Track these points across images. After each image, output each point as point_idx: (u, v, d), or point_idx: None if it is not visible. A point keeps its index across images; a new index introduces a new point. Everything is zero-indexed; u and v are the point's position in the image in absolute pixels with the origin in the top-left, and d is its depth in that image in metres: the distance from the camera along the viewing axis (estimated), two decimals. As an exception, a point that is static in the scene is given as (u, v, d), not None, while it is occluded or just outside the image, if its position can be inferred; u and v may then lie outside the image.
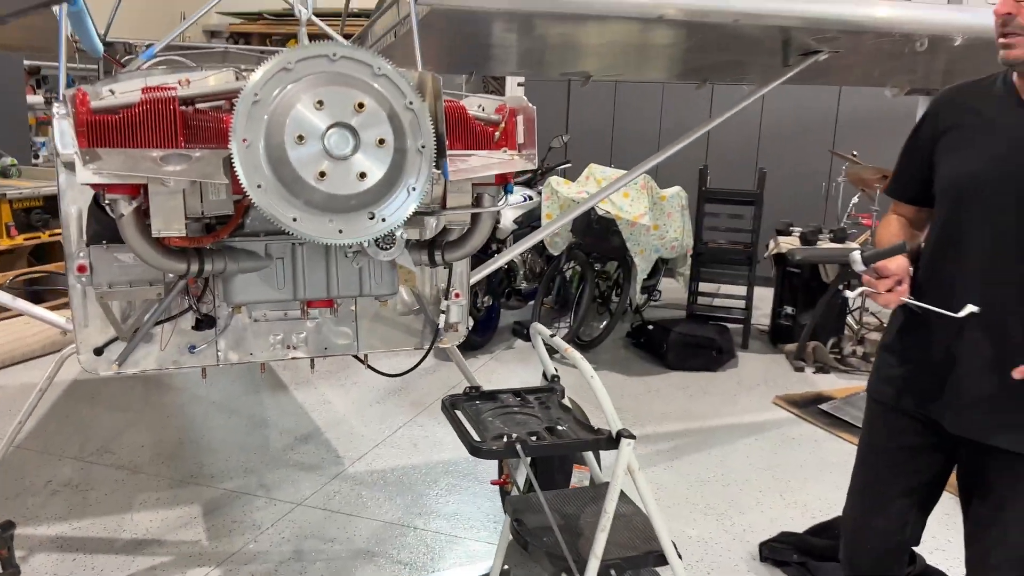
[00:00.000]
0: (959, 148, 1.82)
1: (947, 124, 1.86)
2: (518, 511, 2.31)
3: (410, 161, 1.51)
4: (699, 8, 3.19)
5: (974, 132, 1.81)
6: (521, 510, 2.32)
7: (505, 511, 2.48)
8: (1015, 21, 1.65)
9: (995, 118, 1.79)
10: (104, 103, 1.50)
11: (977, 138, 1.80)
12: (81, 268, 1.93)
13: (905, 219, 2.01)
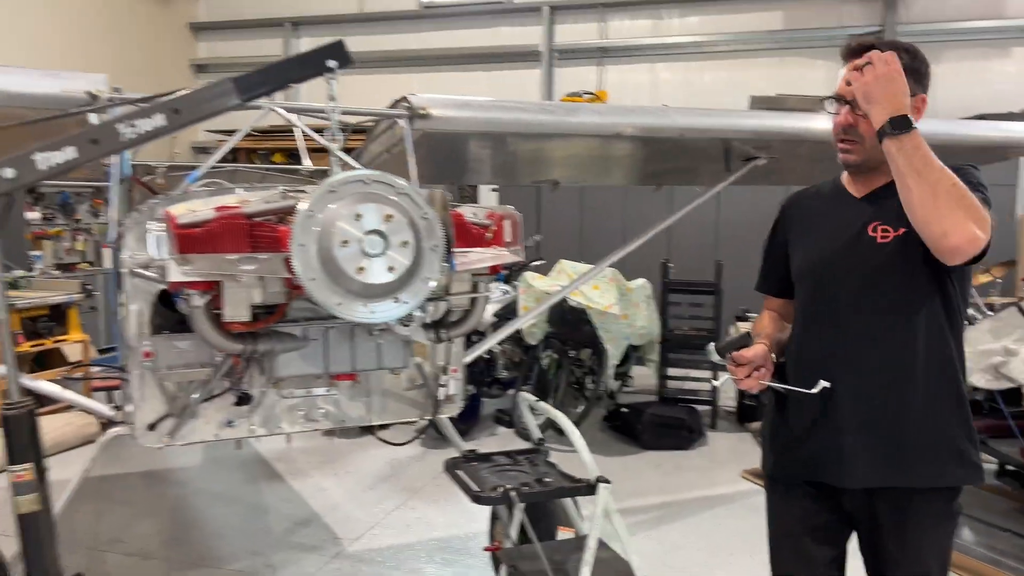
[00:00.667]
0: (803, 241, 2.11)
1: (793, 223, 2.17)
2: (513, 560, 2.66)
3: (426, 257, 1.96)
4: (650, 125, 3.77)
5: (813, 226, 2.10)
6: (515, 559, 2.66)
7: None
8: (854, 130, 1.93)
9: (828, 212, 2.07)
10: (187, 220, 1.94)
11: (815, 230, 2.08)
12: (147, 354, 2.32)
13: (775, 312, 2.26)
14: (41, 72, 2.85)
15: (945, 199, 1.71)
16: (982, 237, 1.73)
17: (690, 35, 9.55)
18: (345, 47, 2.16)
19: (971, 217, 1.71)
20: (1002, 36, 8.53)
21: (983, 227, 1.74)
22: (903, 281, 1.93)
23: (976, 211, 1.73)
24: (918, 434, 1.94)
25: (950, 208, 1.71)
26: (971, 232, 1.71)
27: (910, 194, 1.75)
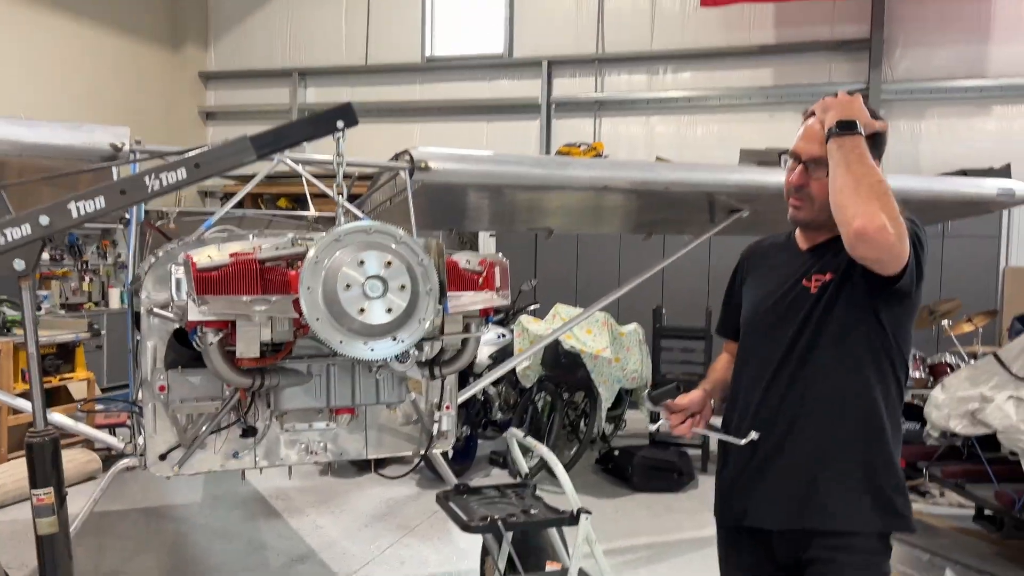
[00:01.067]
0: (752, 288, 2.21)
1: (748, 270, 2.27)
2: (501, 589, 2.79)
3: (422, 300, 2.15)
4: (637, 179, 4.01)
5: (763, 274, 2.19)
6: (504, 588, 2.80)
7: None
8: (804, 190, 2.05)
9: (776, 262, 2.16)
10: (206, 264, 2.13)
11: (763, 279, 2.17)
12: (161, 388, 2.50)
13: (731, 355, 2.31)
14: (65, 124, 3.07)
15: (866, 191, 1.78)
16: (891, 231, 1.74)
17: (683, 90, 9.90)
18: (353, 109, 2.38)
19: (884, 211, 1.75)
20: (983, 95, 8.87)
21: (896, 225, 1.76)
22: (828, 327, 1.99)
23: (892, 209, 1.77)
24: (836, 477, 1.98)
25: (867, 198, 1.77)
26: (880, 221, 1.74)
27: (834, 184, 1.85)
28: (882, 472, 1.99)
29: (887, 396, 2.01)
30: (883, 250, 1.79)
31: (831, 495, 1.98)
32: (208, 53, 11.99)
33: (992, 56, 8.83)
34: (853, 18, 9.18)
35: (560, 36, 10.30)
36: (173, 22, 11.56)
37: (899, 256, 1.81)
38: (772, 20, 9.50)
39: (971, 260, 8.09)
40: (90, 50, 10.14)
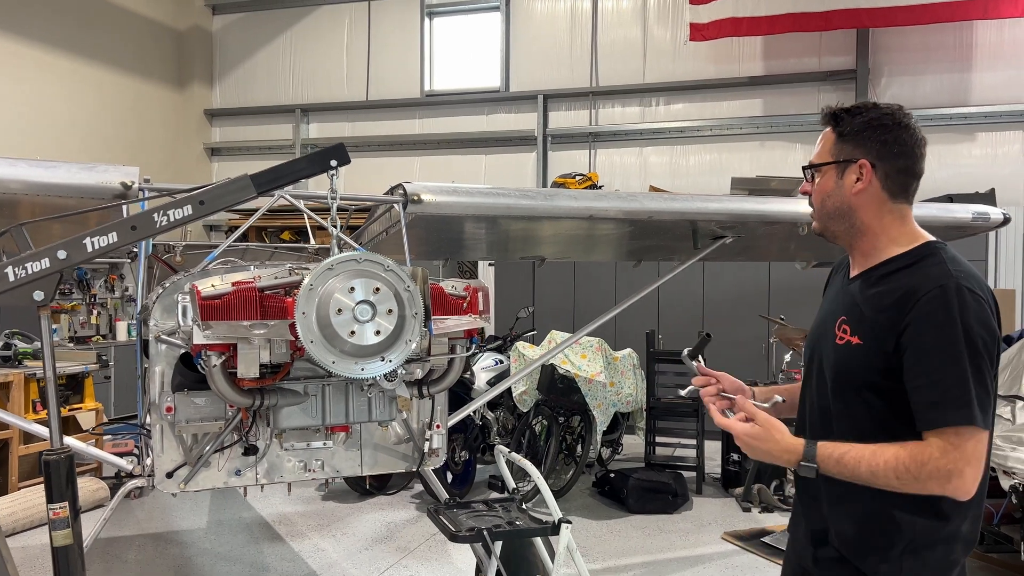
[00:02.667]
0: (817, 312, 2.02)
1: (825, 287, 2.10)
2: (490, 599, 2.94)
3: (408, 323, 2.34)
4: (621, 208, 4.20)
5: (825, 296, 2.04)
6: (492, 599, 2.94)
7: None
8: (809, 197, 1.94)
9: (832, 289, 2.00)
10: (210, 292, 2.33)
11: (823, 303, 2.01)
12: (168, 409, 2.68)
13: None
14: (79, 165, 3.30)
15: (883, 485, 1.67)
16: (956, 474, 1.61)
17: (675, 121, 10.16)
18: (345, 149, 2.59)
19: (907, 473, 1.63)
20: (968, 122, 9.09)
21: (950, 458, 1.61)
22: (852, 386, 1.82)
23: (903, 468, 1.64)
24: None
25: (902, 484, 1.65)
26: (937, 487, 1.64)
27: (883, 484, 1.69)
28: (901, 533, 1.83)
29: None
30: (966, 484, 1.66)
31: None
32: (213, 91, 12.32)
33: (975, 84, 9.07)
34: (839, 49, 9.45)
35: (555, 70, 10.60)
36: (179, 61, 11.91)
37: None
38: (760, 52, 9.78)
39: (959, 283, 8.24)
40: (98, 90, 10.46)
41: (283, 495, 6.30)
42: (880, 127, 1.88)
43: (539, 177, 10.60)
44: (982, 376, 1.65)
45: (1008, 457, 4.14)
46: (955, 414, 1.63)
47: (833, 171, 1.89)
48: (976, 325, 1.68)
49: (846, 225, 1.89)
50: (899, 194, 1.89)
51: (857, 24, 8.85)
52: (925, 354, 1.68)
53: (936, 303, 1.69)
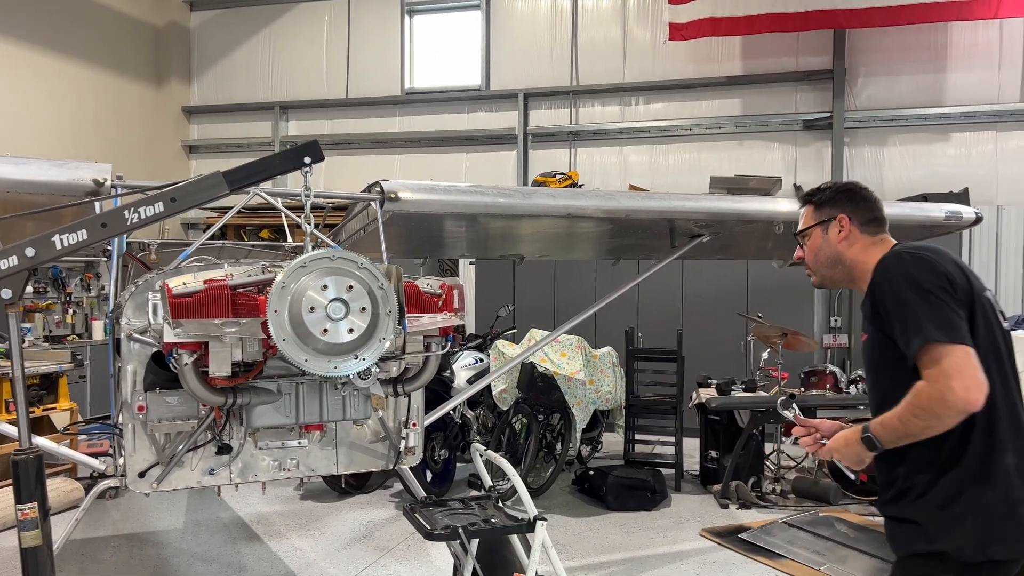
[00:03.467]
0: None
1: None
2: (465, 597, 2.94)
3: (382, 321, 2.33)
4: (599, 207, 4.21)
5: None
6: (468, 597, 2.94)
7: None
8: (804, 262, 2.37)
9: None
10: (181, 290, 2.31)
11: None
12: (140, 408, 2.65)
13: None
14: (50, 162, 3.25)
15: (916, 430, 1.96)
16: (951, 384, 1.89)
17: (655, 120, 10.20)
18: (319, 146, 2.58)
19: (918, 410, 1.94)
20: (942, 122, 9.20)
21: (937, 374, 1.91)
22: (873, 369, 2.22)
23: (913, 407, 1.95)
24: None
25: (918, 426, 1.95)
26: (943, 410, 1.92)
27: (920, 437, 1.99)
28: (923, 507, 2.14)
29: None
30: (971, 396, 1.92)
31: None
32: (191, 88, 12.22)
33: (949, 85, 9.18)
34: (817, 50, 9.53)
35: (535, 69, 10.61)
36: (156, 58, 11.79)
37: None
38: (739, 52, 9.84)
39: (934, 281, 8.34)
40: (75, 87, 10.33)
41: (261, 495, 6.26)
42: (846, 190, 2.35)
43: (520, 176, 10.60)
44: (936, 305, 1.99)
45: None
46: (917, 341, 1.97)
47: (819, 231, 2.33)
48: (915, 272, 2.04)
49: (840, 268, 2.30)
50: (876, 231, 2.29)
51: (834, 25, 8.92)
52: (888, 311, 2.07)
53: (880, 272, 2.12)
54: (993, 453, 2.01)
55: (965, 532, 1.97)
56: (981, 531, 1.97)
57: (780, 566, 4.83)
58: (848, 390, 7.17)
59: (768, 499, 6.34)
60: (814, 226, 2.33)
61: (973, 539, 1.97)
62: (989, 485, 1.99)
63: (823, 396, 6.83)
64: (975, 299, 2.06)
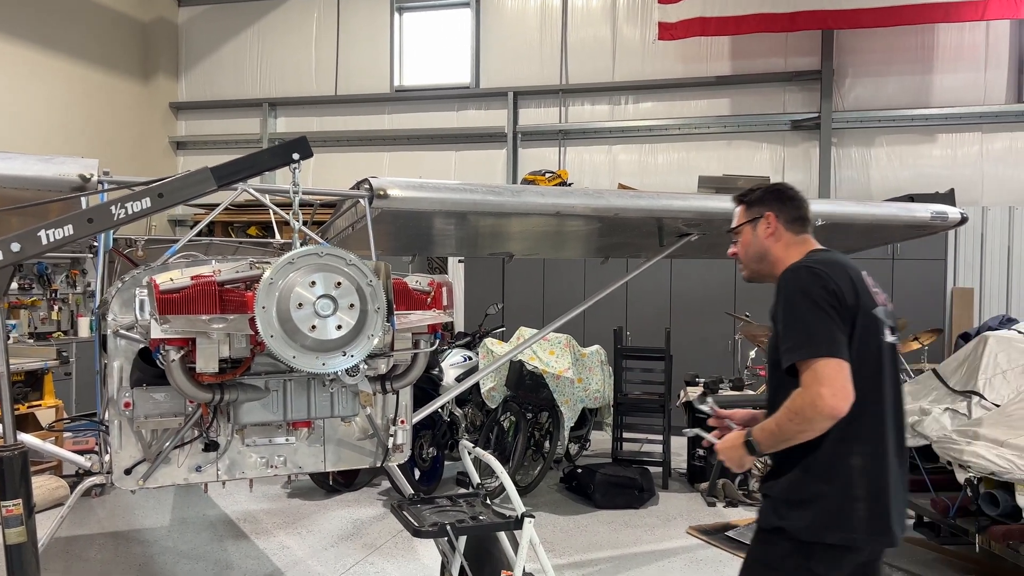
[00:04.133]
0: None
1: None
2: (453, 594, 2.94)
3: (370, 317, 2.33)
4: (587, 205, 4.22)
5: None
6: (455, 593, 2.94)
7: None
8: (737, 256, 2.57)
9: None
10: (168, 286, 2.30)
11: None
12: (127, 404, 2.63)
13: None
14: (36, 157, 3.23)
15: (790, 433, 2.20)
16: (819, 392, 2.12)
17: (644, 119, 10.22)
18: (307, 142, 2.57)
19: (792, 414, 2.17)
20: (929, 123, 9.27)
21: (810, 380, 2.14)
22: (775, 370, 2.38)
23: (788, 411, 2.18)
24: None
25: (792, 430, 2.19)
26: (813, 414, 2.15)
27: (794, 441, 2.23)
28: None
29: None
30: (835, 401, 2.14)
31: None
32: (179, 84, 12.15)
33: (936, 86, 9.25)
34: (805, 50, 9.57)
35: (525, 67, 10.61)
36: (144, 53, 11.72)
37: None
38: (728, 52, 9.88)
39: (919, 281, 8.42)
40: (62, 82, 10.25)
41: (248, 492, 6.24)
42: (775, 190, 2.54)
43: (509, 174, 10.60)
44: (820, 318, 2.19)
45: (964, 451, 4.24)
46: (794, 354, 2.19)
47: (749, 228, 2.52)
48: (808, 286, 2.23)
49: (766, 263, 2.49)
50: (800, 231, 2.49)
51: (822, 25, 8.98)
52: (779, 319, 2.29)
53: (781, 281, 2.32)
54: (841, 453, 2.24)
55: (802, 516, 2.24)
56: (815, 517, 2.23)
57: (766, 563, 4.84)
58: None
59: (755, 497, 6.36)
60: (745, 223, 2.53)
61: (808, 522, 2.24)
62: (829, 480, 2.24)
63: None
64: (860, 315, 2.24)
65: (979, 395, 4.83)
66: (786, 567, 2.26)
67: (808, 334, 2.18)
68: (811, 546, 2.25)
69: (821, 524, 2.23)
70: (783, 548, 2.27)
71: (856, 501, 2.24)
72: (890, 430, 2.30)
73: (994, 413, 4.56)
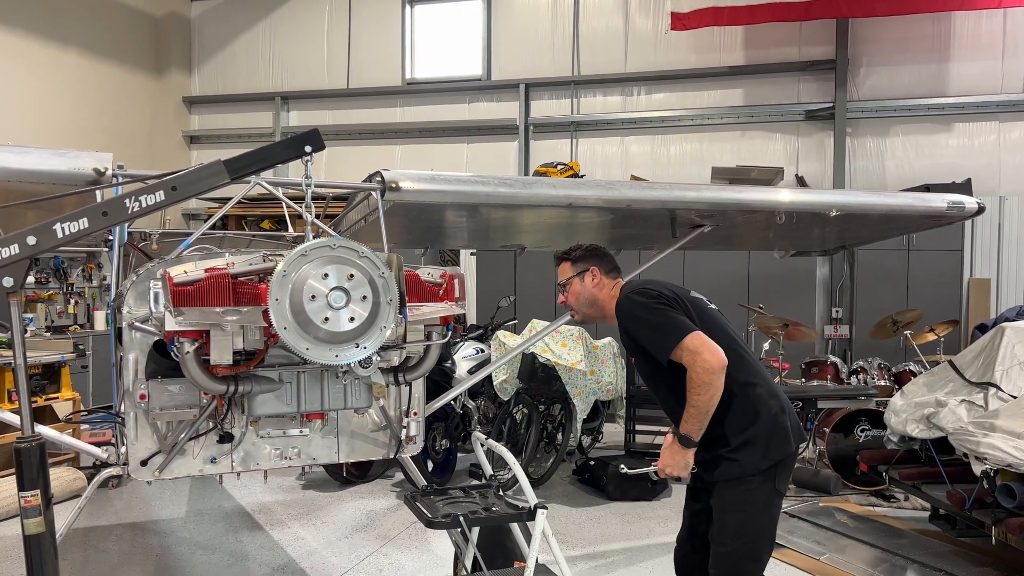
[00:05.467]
0: None
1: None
2: (466, 585, 2.95)
3: (383, 309, 2.34)
4: (599, 196, 4.20)
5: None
6: (468, 584, 2.95)
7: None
8: (568, 306, 3.06)
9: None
10: (182, 279, 2.31)
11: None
12: (142, 396, 2.65)
13: None
14: (51, 151, 3.25)
15: (704, 404, 2.59)
16: (703, 358, 2.57)
17: (657, 110, 10.17)
18: (319, 135, 2.57)
19: (698, 388, 2.57)
20: (945, 112, 9.17)
21: (690, 357, 2.59)
22: (657, 381, 2.91)
23: (694, 389, 2.59)
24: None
25: (705, 400, 2.58)
26: (707, 376, 2.58)
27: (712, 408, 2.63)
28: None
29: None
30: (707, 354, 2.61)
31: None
32: (192, 78, 12.19)
33: (952, 75, 9.15)
34: (819, 39, 9.49)
35: (537, 59, 10.58)
36: (157, 48, 11.77)
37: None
38: (741, 42, 9.81)
39: (936, 272, 8.35)
40: (75, 78, 10.31)
41: (263, 484, 6.28)
42: (592, 249, 3.12)
43: (521, 166, 10.58)
44: (663, 315, 2.71)
45: (980, 443, 4.20)
46: (667, 346, 2.65)
47: (577, 280, 3.05)
48: (641, 302, 2.78)
49: (595, 308, 3.04)
50: (616, 277, 3.09)
51: (837, 14, 8.89)
52: (638, 336, 2.80)
53: (620, 312, 2.89)
54: (745, 393, 2.74)
55: (753, 453, 2.72)
56: (763, 447, 2.72)
57: (780, 555, 4.83)
58: (849, 381, 7.17)
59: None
60: (573, 277, 3.05)
61: (760, 454, 2.72)
62: (754, 416, 2.73)
63: (824, 386, 6.84)
64: (685, 301, 2.81)
65: (996, 387, 4.78)
66: (759, 497, 2.73)
67: (664, 330, 2.67)
68: (768, 470, 2.73)
69: (768, 449, 2.73)
70: (751, 484, 2.71)
71: (778, 417, 2.76)
72: (752, 359, 2.85)
73: (1011, 405, 4.52)
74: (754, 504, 2.72)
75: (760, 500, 2.73)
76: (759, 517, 2.75)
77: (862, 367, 7.30)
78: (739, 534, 2.73)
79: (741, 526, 2.73)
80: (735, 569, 2.76)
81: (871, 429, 6.23)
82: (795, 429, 2.83)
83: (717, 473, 2.76)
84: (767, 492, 2.73)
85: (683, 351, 2.60)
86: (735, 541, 2.73)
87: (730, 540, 2.74)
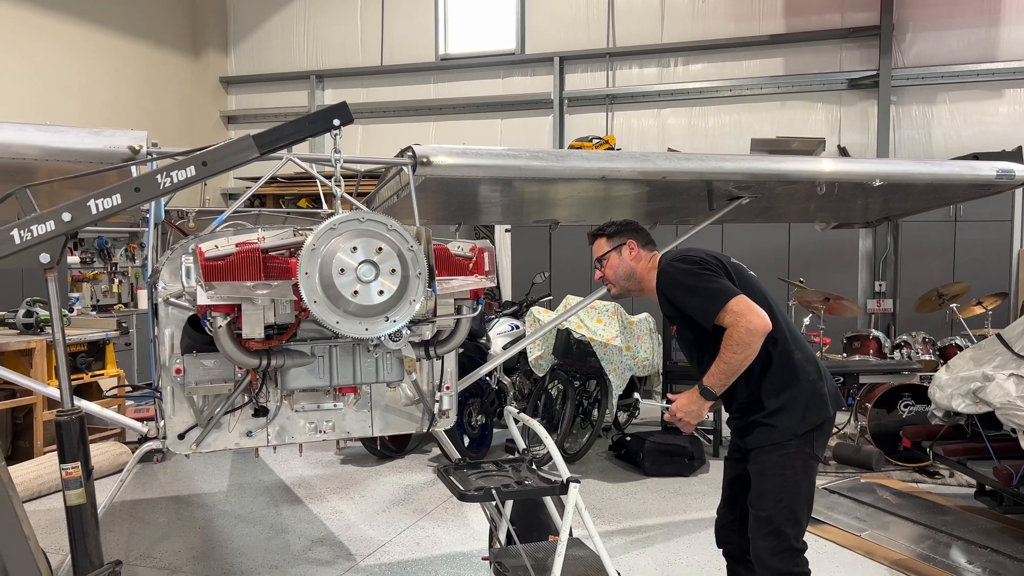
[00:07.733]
0: None
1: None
2: (499, 557, 2.96)
3: (412, 283, 2.33)
4: (634, 168, 4.13)
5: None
6: (501, 557, 2.96)
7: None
8: (605, 279, 3.11)
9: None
10: (213, 253, 2.32)
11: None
12: (177, 371, 2.69)
13: None
14: (88, 130, 3.29)
15: (736, 363, 2.63)
16: (747, 318, 2.60)
17: (694, 81, 9.99)
18: (348, 108, 2.56)
19: (736, 346, 2.61)
20: (994, 79, 8.85)
21: (734, 318, 2.62)
22: (700, 346, 2.89)
23: (731, 347, 2.62)
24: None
25: (739, 359, 2.62)
26: (748, 337, 2.62)
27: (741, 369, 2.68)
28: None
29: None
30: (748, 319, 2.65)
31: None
32: (228, 58, 12.28)
33: (1003, 39, 8.81)
34: (863, 5, 9.20)
35: (571, 31, 10.43)
36: (193, 29, 11.86)
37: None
38: (781, 9, 9.56)
39: (983, 243, 8.10)
40: (113, 59, 10.46)
41: (301, 459, 6.38)
42: (627, 223, 3.18)
43: (556, 141, 10.49)
44: (707, 280, 2.73)
45: (1028, 418, 4.08)
46: (713, 309, 2.67)
47: (615, 254, 3.11)
48: (685, 268, 2.81)
49: (633, 281, 3.08)
50: (652, 250, 3.12)
51: (882, -22, 8.61)
52: (682, 303, 2.81)
53: (662, 280, 2.90)
54: (785, 358, 2.77)
55: (790, 418, 2.76)
56: (801, 412, 2.76)
57: (820, 532, 4.77)
58: (892, 355, 7.02)
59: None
60: (610, 251, 3.11)
61: (797, 418, 2.76)
62: (792, 381, 2.77)
63: (866, 361, 6.70)
64: (727, 267, 2.84)
65: (1046, 360, 4.63)
66: (797, 461, 2.75)
67: (709, 294, 2.68)
68: (805, 435, 2.77)
69: (806, 414, 2.76)
70: (789, 448, 2.75)
71: (816, 383, 2.80)
72: (790, 327, 2.88)
73: (1062, 379, 4.37)
74: (792, 468, 2.75)
75: (798, 464, 2.76)
76: (798, 481, 2.77)
77: (906, 341, 7.14)
78: (778, 498, 2.76)
79: (780, 490, 2.76)
80: (775, 533, 2.76)
81: (915, 404, 6.10)
82: (833, 395, 2.86)
83: (755, 439, 2.80)
84: (805, 456, 2.76)
85: (728, 313, 2.63)
86: (775, 506, 2.76)
87: (770, 504, 2.77)
